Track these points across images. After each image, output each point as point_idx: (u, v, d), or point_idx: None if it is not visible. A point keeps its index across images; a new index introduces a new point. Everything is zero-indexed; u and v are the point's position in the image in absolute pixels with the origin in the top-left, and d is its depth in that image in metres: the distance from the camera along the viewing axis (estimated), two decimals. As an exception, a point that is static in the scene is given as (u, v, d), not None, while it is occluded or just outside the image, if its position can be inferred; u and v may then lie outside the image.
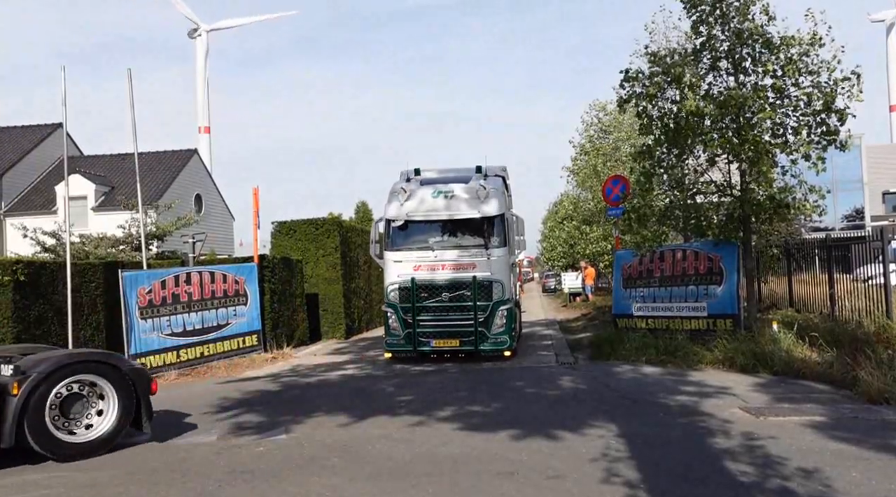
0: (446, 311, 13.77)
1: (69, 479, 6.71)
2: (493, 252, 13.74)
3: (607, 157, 27.73)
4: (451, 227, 14.18)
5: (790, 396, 9.20)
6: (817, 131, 12.32)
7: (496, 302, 13.65)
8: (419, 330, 13.77)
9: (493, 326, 13.65)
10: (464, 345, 13.69)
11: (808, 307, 15.48)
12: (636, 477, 5.94)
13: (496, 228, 13.91)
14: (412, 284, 13.68)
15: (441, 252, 13.90)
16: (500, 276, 13.71)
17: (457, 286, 13.72)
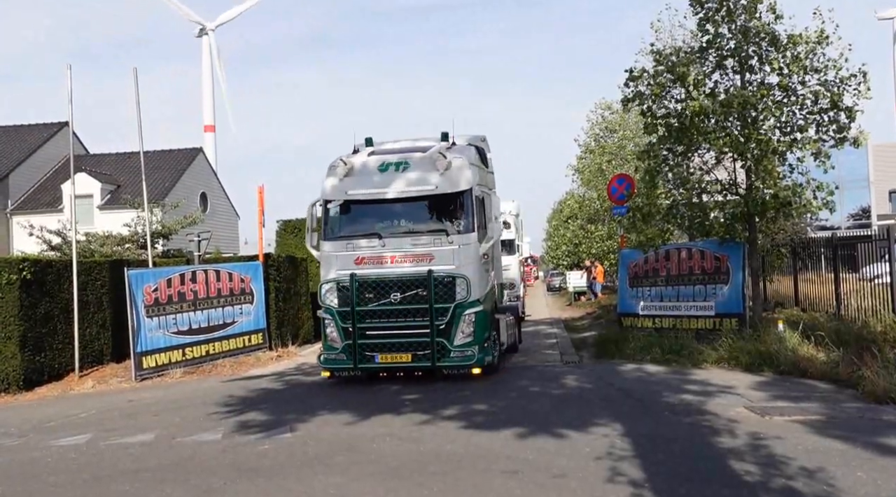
0: (396, 317, 10.87)
1: (75, 476, 6.75)
2: (457, 239, 10.92)
3: (612, 155, 27.69)
4: (403, 207, 11.40)
5: (795, 396, 9.16)
6: (828, 129, 12.26)
7: (460, 304, 10.79)
8: (361, 342, 10.85)
9: (457, 336, 10.82)
10: (417, 360, 10.79)
11: (814, 306, 15.42)
12: (640, 476, 5.93)
13: (462, 208, 11.12)
14: (352, 283, 10.87)
15: (390, 240, 11.07)
16: (467, 269, 10.86)
17: (410, 284, 10.83)
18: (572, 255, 40.14)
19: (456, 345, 10.86)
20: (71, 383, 13.51)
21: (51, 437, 8.74)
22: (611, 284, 31.93)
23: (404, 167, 11.32)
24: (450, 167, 11.11)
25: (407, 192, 11.18)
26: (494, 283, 12.63)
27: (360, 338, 10.88)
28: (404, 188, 11.17)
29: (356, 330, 10.86)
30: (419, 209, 11.36)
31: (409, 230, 11.24)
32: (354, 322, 10.87)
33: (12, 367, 12.85)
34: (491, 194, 12.58)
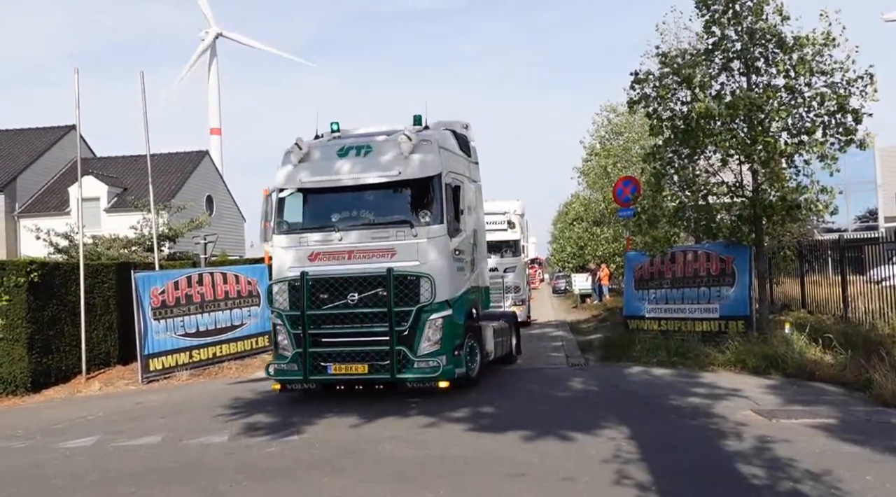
0: (352, 322, 9.67)
1: (82, 478, 6.76)
2: (423, 231, 9.72)
3: (618, 158, 27.65)
4: (363, 196, 10.35)
5: (803, 399, 9.13)
6: (834, 131, 12.22)
7: (423, 307, 9.51)
8: (313, 349, 9.67)
9: (421, 344, 9.58)
10: (375, 371, 9.54)
11: (821, 309, 15.35)
12: (647, 479, 5.92)
13: (429, 197, 9.93)
14: (303, 282, 9.67)
15: (348, 233, 9.91)
16: (433, 266, 9.62)
17: (367, 284, 9.58)
18: (577, 258, 40.10)
19: (420, 354, 9.53)
20: (78, 385, 13.56)
21: (58, 440, 8.77)
22: (616, 287, 31.88)
23: (366, 151, 10.15)
24: (416, 151, 9.93)
25: (366, 179, 10.02)
26: (477, 284, 11.47)
27: (311, 345, 9.67)
28: (364, 174, 10.02)
29: (307, 336, 9.65)
30: (381, 198, 10.27)
31: (369, 222, 10.11)
32: (305, 327, 9.64)
33: (20, 369, 12.91)
34: (468, 184, 11.35)
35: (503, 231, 21.16)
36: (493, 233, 20.80)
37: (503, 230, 21.16)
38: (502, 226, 21.16)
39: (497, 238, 20.77)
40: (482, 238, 12.26)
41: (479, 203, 12.28)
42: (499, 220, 21.10)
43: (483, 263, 12.24)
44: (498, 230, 20.88)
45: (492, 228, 20.87)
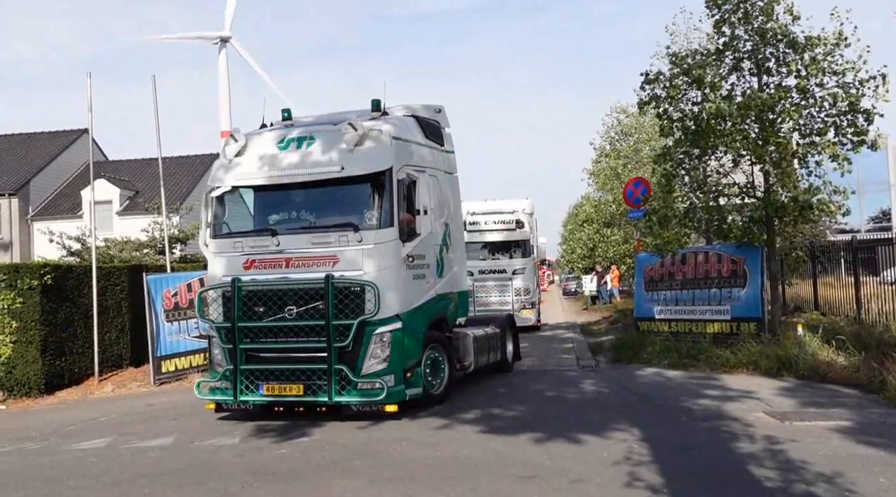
0: (287, 336, 8.77)
1: (95, 479, 6.80)
2: (369, 235, 8.69)
3: (628, 159, 27.58)
4: (303, 196, 9.39)
5: (816, 400, 9.07)
6: (846, 131, 12.14)
7: (368, 320, 8.53)
8: (245, 366, 8.80)
9: (365, 362, 8.58)
10: (311, 393, 8.55)
11: (834, 310, 15.26)
12: (659, 481, 5.89)
13: (377, 195, 8.91)
14: (234, 292, 8.75)
15: (287, 238, 8.95)
16: (380, 274, 8.62)
17: (304, 295, 8.64)
18: (587, 259, 40.01)
19: (364, 373, 8.55)
20: (91, 387, 13.65)
21: (71, 441, 8.83)
22: (627, 288, 31.79)
23: (308, 143, 9.09)
24: (362, 142, 8.90)
25: (304, 176, 9.00)
26: (450, 290, 10.42)
27: (243, 362, 8.80)
28: (303, 170, 9.00)
29: (238, 352, 8.78)
30: (323, 197, 9.24)
31: (310, 225, 9.16)
32: (236, 342, 8.77)
33: (34, 371, 13.01)
34: (438, 177, 10.32)
35: (511, 231, 20.75)
36: (501, 233, 20.81)
37: (511, 229, 20.75)
38: (510, 225, 20.76)
39: (505, 238, 20.63)
40: (458, 237, 11.05)
41: (456, 197, 11.05)
42: (507, 220, 20.81)
43: (459, 266, 11.04)
44: (506, 230, 20.64)
45: (499, 228, 20.83)
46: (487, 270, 20.51)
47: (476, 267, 20.20)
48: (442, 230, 10.31)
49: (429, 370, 9.46)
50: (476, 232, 20.52)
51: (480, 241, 20.66)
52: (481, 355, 11.17)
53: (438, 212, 10.15)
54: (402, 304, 8.91)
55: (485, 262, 20.65)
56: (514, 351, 13.24)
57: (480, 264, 20.44)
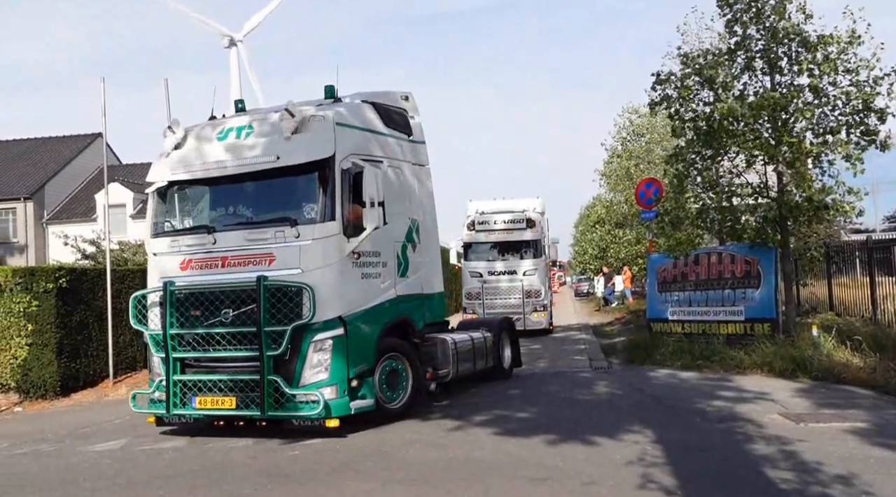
0: (221, 345, 8.14)
1: (111, 481, 6.85)
2: (306, 231, 8.09)
3: (640, 159, 27.50)
4: (241, 189, 8.74)
5: (831, 402, 9.00)
6: (856, 131, 12.06)
7: (305, 325, 7.89)
8: (177, 378, 8.25)
9: (304, 372, 7.94)
10: (244, 406, 7.97)
11: (849, 311, 15.13)
12: (673, 483, 5.86)
13: (317, 185, 8.25)
14: (166, 295, 8.25)
15: (223, 235, 8.37)
16: (318, 274, 7.99)
17: (239, 298, 8.05)
18: (599, 260, 39.93)
19: (302, 385, 7.88)
20: (105, 389, 13.75)
21: (86, 443, 8.89)
22: (639, 289, 31.68)
23: (247, 132, 8.52)
24: (300, 129, 8.28)
25: (239, 167, 8.40)
26: (418, 291, 9.71)
27: (176, 372, 8.25)
28: (239, 161, 8.41)
29: (171, 361, 8.24)
30: (261, 191, 8.62)
31: (246, 220, 8.58)
32: (168, 350, 8.22)
33: (49, 373, 13.12)
34: (401, 168, 9.59)
35: (521, 230, 20.11)
36: (510, 232, 20.19)
37: (521, 229, 20.11)
38: (520, 225, 20.11)
39: (515, 238, 20.06)
40: (430, 235, 10.26)
41: (426, 191, 10.28)
42: (517, 219, 20.17)
43: (431, 266, 10.25)
44: (516, 229, 20.10)
45: (509, 228, 20.21)
46: (497, 272, 20.03)
47: (485, 268, 19.96)
48: (406, 226, 9.52)
49: (385, 380, 8.75)
50: (485, 232, 20.14)
51: (489, 241, 20.24)
52: (464, 363, 10.39)
53: (402, 206, 9.42)
54: (347, 306, 8.19)
55: (494, 262, 20.15)
56: (514, 357, 12.55)
57: (489, 265, 20.08)
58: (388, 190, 9.01)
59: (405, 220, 9.55)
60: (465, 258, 20.66)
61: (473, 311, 19.67)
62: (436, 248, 10.67)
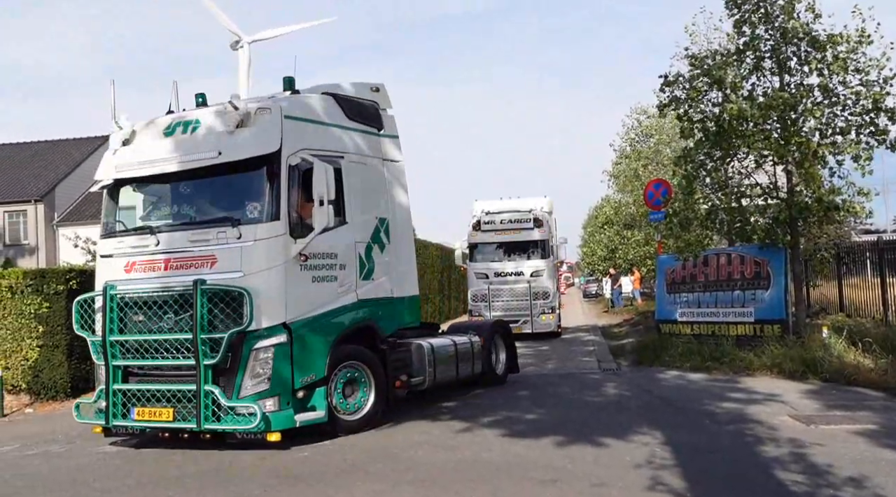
0: (160, 352, 7.74)
1: (121, 482, 6.88)
2: (249, 231, 7.63)
3: (648, 160, 27.42)
4: (187, 188, 8.36)
5: (842, 404, 8.95)
6: (865, 131, 11.99)
7: (240, 333, 7.43)
8: (117, 387, 7.89)
9: (244, 383, 7.50)
10: (181, 419, 7.58)
11: (860, 312, 15.04)
12: (682, 485, 5.84)
13: (262, 183, 7.80)
14: (105, 300, 7.86)
15: (166, 236, 8.00)
16: (260, 277, 7.55)
17: (177, 303, 7.69)
18: (608, 262, 39.88)
19: (243, 396, 7.44)
20: (115, 391, 13.80)
21: (96, 444, 8.91)
22: (648, 290, 31.61)
23: (194, 127, 8.08)
24: (245, 123, 7.81)
25: (180, 164, 7.96)
26: (385, 295, 9.13)
27: (117, 381, 7.89)
28: (182, 157, 7.95)
29: (111, 369, 7.87)
30: (205, 188, 8.22)
31: (189, 220, 8.16)
32: (108, 358, 7.86)
33: (59, 375, 13.18)
34: (357, 164, 8.85)
35: (529, 230, 19.66)
36: (517, 232, 19.76)
37: (529, 229, 19.66)
38: (527, 224, 19.67)
39: (522, 238, 19.67)
40: (402, 235, 9.65)
41: (398, 188, 9.65)
42: (524, 218, 19.75)
43: (403, 268, 9.63)
44: (523, 229, 19.69)
45: (516, 228, 19.78)
46: (503, 273, 19.58)
47: (491, 269, 19.61)
48: (373, 226, 8.98)
49: (342, 390, 8.29)
50: (491, 232, 19.79)
51: (495, 241, 19.90)
52: (445, 369, 9.89)
53: (367, 205, 8.89)
54: (293, 311, 7.71)
55: (500, 263, 19.75)
56: (509, 361, 11.95)
57: (495, 266, 19.72)
58: (351, 187, 8.61)
59: (371, 219, 9.00)
60: (470, 259, 20.13)
61: (480, 314, 19.37)
62: (409, 248, 10.05)
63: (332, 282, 8.33)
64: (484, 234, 19.93)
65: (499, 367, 11.77)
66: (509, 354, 12.01)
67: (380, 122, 9.53)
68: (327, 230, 8.07)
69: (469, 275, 20.46)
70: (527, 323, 19.14)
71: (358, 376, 8.47)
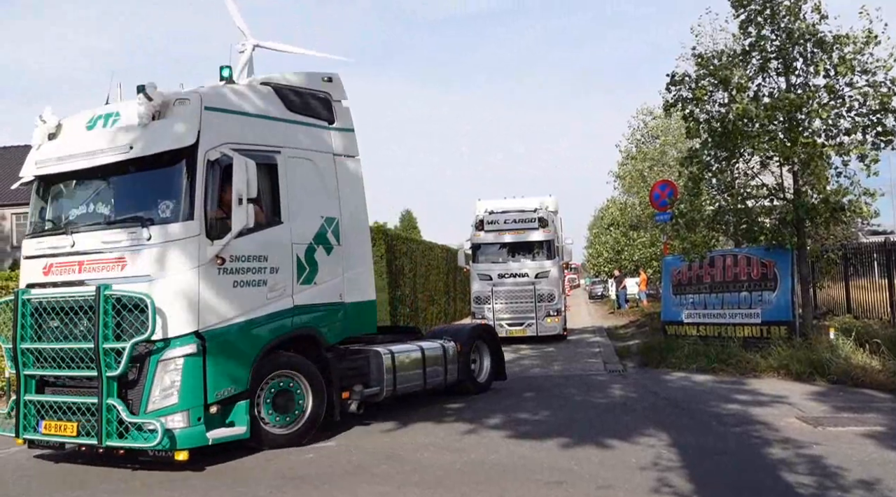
0: (69, 362, 7.18)
1: (128, 483, 6.90)
2: (159, 231, 7.12)
3: (654, 161, 27.40)
4: (104, 185, 7.82)
5: (850, 405, 8.91)
6: (871, 132, 11.96)
7: (145, 342, 6.89)
8: (28, 397, 7.41)
9: (150, 397, 6.92)
10: (85, 434, 7.02)
11: (867, 313, 14.99)
12: (688, 487, 5.82)
13: (175, 181, 7.28)
14: (16, 305, 7.39)
15: (81, 236, 7.47)
16: (171, 283, 7.05)
17: (82, 310, 7.13)
18: (614, 263, 39.83)
19: (150, 410, 6.86)
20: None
21: (103, 445, 8.93)
22: (654, 292, 31.57)
23: (114, 120, 7.57)
24: (159, 115, 7.27)
25: (92, 160, 7.47)
26: (334, 300, 8.53)
27: (30, 391, 7.44)
28: (98, 153, 7.46)
29: (23, 378, 7.40)
30: (119, 185, 7.70)
31: (104, 220, 7.61)
32: (19, 367, 7.40)
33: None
34: (300, 159, 8.28)
35: (534, 230, 19.04)
36: (521, 232, 19.17)
37: (534, 229, 19.04)
38: (532, 224, 19.06)
39: (527, 239, 19.13)
40: (356, 235, 8.96)
41: (349, 185, 8.92)
42: (528, 218, 19.15)
43: (354, 271, 8.86)
44: (528, 229, 19.15)
45: (520, 228, 19.20)
46: (507, 274, 18.99)
47: (494, 270, 19.11)
48: (317, 226, 8.36)
49: (272, 403, 7.75)
50: (494, 232, 19.25)
51: (499, 241, 19.24)
52: (408, 378, 9.33)
53: (310, 203, 8.30)
54: (207, 319, 7.13)
55: (504, 265, 19.17)
56: (496, 367, 11.31)
57: (499, 268, 19.15)
58: (290, 184, 8.04)
59: (315, 218, 8.36)
60: (473, 260, 19.54)
61: (482, 316, 18.92)
62: (364, 250, 9.28)
63: (259, 286, 7.69)
64: (487, 235, 19.40)
65: (482, 374, 11.18)
66: (495, 360, 11.36)
67: (331, 114, 8.87)
68: (255, 230, 7.53)
69: (472, 276, 19.91)
70: (531, 326, 18.79)
71: (292, 388, 7.91)
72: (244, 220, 7.28)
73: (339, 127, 8.95)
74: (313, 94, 8.72)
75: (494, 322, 18.29)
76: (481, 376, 11.18)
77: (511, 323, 18.87)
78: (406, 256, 22.57)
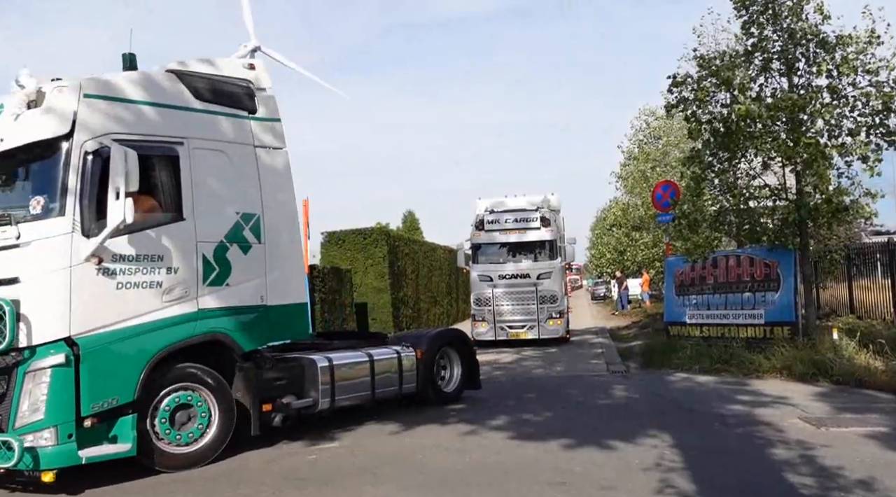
0: None
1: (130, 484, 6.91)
2: (28, 230, 6.59)
3: (656, 162, 27.41)
4: None
5: (853, 406, 8.89)
6: (875, 132, 11.94)
7: (7, 352, 6.36)
8: None
9: (18, 413, 6.31)
10: None
11: (871, 314, 14.96)
12: (691, 488, 5.82)
13: (48, 175, 6.76)
14: None
15: None
16: (39, 285, 6.51)
17: None
18: (616, 264, 39.84)
19: (18, 427, 6.26)
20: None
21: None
22: (657, 293, 31.56)
23: None
24: (34, 104, 6.70)
25: None
26: (258, 303, 7.85)
27: None
28: None
29: None
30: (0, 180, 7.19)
31: None
32: None
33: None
34: (211, 151, 7.62)
35: (535, 230, 18.62)
36: (522, 232, 18.76)
37: (535, 228, 18.62)
38: (534, 224, 18.61)
39: (528, 238, 18.75)
40: (281, 232, 8.22)
41: (274, 177, 8.21)
42: (530, 217, 18.72)
43: (279, 272, 8.11)
44: (529, 228, 18.68)
45: (521, 227, 18.79)
46: (508, 275, 18.60)
47: (495, 271, 18.70)
48: (231, 223, 7.69)
49: (171, 417, 7.06)
50: (495, 231, 18.87)
51: (499, 241, 18.88)
52: (351, 388, 8.60)
53: (222, 198, 7.65)
54: (81, 324, 6.48)
55: (505, 265, 18.76)
56: (467, 375, 10.39)
57: (499, 268, 18.70)
58: (197, 178, 7.38)
59: (228, 214, 7.69)
60: (473, 260, 19.12)
61: (483, 319, 18.71)
62: (292, 248, 8.50)
63: (152, 288, 7.00)
64: (487, 234, 18.97)
65: (451, 384, 10.26)
66: (466, 367, 10.38)
67: (253, 103, 8.15)
68: (149, 228, 6.97)
69: (472, 277, 19.43)
70: (533, 328, 18.49)
71: (193, 401, 7.18)
72: (121, 215, 6.55)
73: (261, 117, 8.21)
74: (230, 82, 8.02)
75: (496, 324, 18.23)
76: (449, 386, 10.26)
77: (513, 325, 18.72)
78: (408, 257, 22.61)
